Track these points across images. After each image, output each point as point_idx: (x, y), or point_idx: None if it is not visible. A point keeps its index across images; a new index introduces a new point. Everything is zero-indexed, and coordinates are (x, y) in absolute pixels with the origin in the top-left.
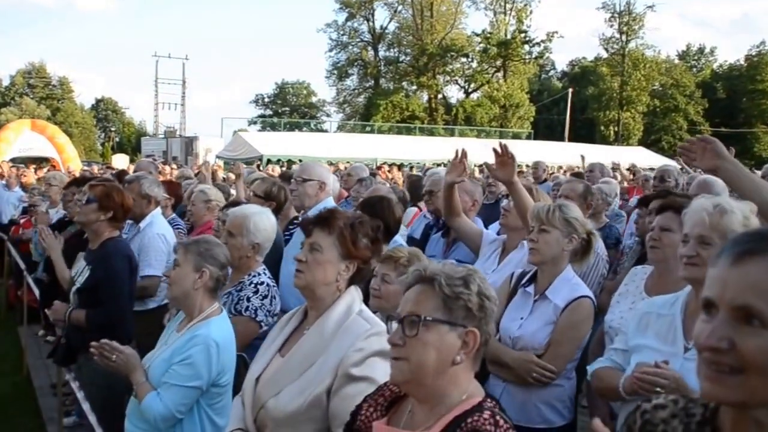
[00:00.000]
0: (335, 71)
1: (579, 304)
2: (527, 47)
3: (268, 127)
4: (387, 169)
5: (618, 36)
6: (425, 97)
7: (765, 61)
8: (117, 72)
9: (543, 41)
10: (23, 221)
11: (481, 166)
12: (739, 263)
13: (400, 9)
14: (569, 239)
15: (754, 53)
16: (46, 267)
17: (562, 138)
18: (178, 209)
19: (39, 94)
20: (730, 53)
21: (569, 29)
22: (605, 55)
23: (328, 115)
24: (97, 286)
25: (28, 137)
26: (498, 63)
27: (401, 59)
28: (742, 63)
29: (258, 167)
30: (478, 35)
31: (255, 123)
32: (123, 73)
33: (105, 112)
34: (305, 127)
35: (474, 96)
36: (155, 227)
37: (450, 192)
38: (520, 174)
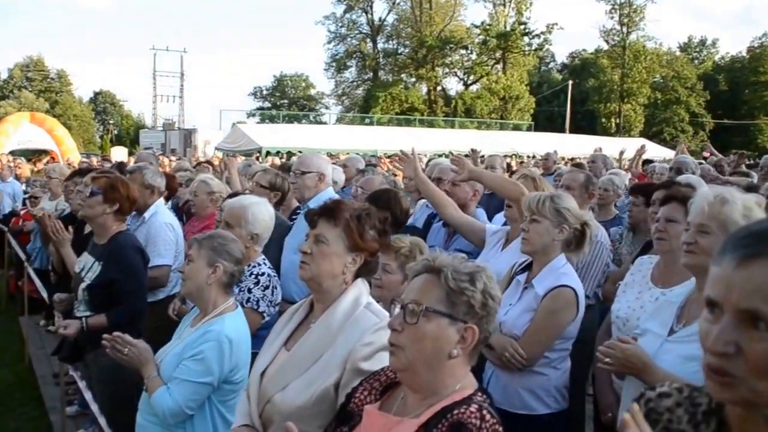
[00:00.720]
0: (334, 63)
1: (558, 292)
2: (527, 39)
3: (266, 120)
4: (388, 161)
5: (618, 28)
6: (424, 89)
7: (767, 54)
8: (115, 65)
9: (543, 33)
10: (23, 212)
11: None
12: (745, 265)
13: (398, 1)
14: (560, 229)
15: (756, 45)
16: (53, 266)
17: (562, 130)
18: (172, 201)
19: (37, 87)
20: (732, 45)
21: (569, 21)
22: (606, 47)
23: (326, 108)
24: (113, 283)
25: (27, 130)
26: (497, 55)
27: (400, 51)
28: (744, 55)
29: (258, 159)
30: (477, 27)
31: (254, 115)
32: (121, 66)
33: (103, 104)
34: (304, 120)
35: (473, 88)
36: (160, 217)
37: (424, 187)
38: (521, 164)
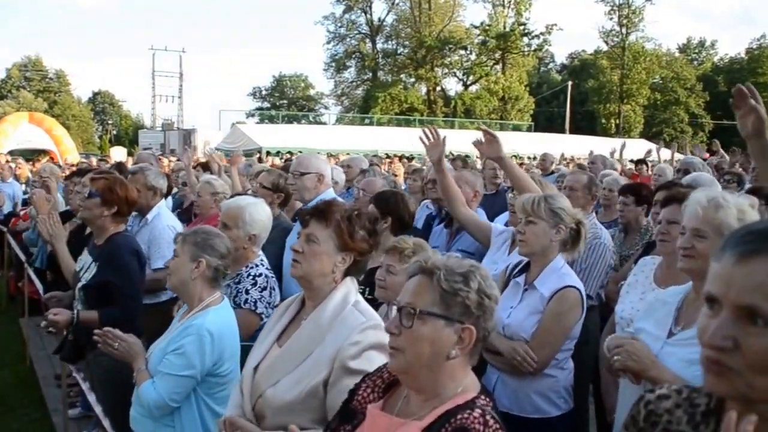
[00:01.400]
0: (333, 63)
1: (565, 293)
2: (526, 39)
3: (266, 120)
4: (388, 161)
5: (618, 29)
6: (424, 90)
7: (766, 55)
8: (114, 65)
9: (542, 34)
10: (23, 213)
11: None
12: (745, 262)
13: (398, 1)
14: (556, 230)
15: (754, 46)
16: (50, 263)
17: (562, 130)
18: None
19: (36, 87)
20: (730, 46)
21: (568, 22)
22: (605, 48)
23: (326, 108)
24: (107, 283)
25: (25, 129)
26: (497, 55)
27: (399, 51)
28: (742, 56)
29: (259, 159)
30: (476, 27)
31: (253, 115)
32: (120, 66)
33: (102, 105)
34: (303, 120)
35: (473, 88)
36: (163, 219)
37: (442, 177)
38: (521, 166)
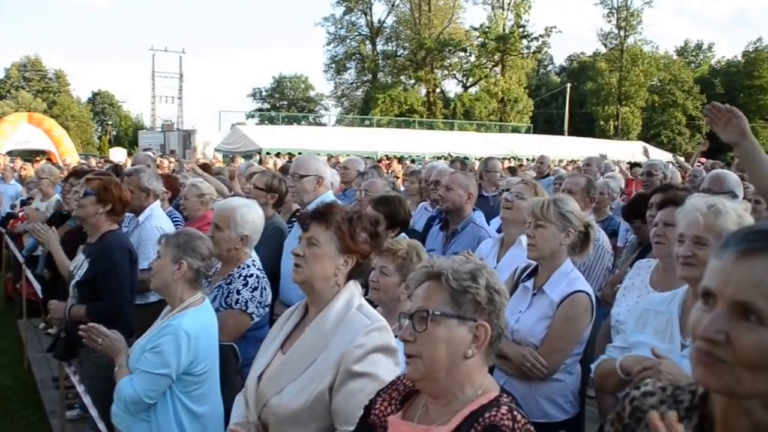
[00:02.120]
0: (333, 65)
1: (575, 298)
2: (525, 42)
3: (266, 121)
4: (387, 162)
5: (616, 31)
6: (423, 91)
7: (762, 58)
8: (114, 65)
9: (541, 36)
10: (21, 214)
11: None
12: (745, 259)
13: (397, 3)
14: (566, 233)
15: (751, 49)
16: (47, 263)
17: (561, 132)
18: (174, 202)
19: (35, 87)
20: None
21: (567, 24)
22: (604, 51)
23: (326, 109)
24: (97, 278)
25: (24, 130)
26: (496, 57)
27: (399, 53)
28: (739, 59)
29: (259, 161)
30: (476, 29)
31: (253, 116)
32: (120, 67)
33: (102, 105)
34: (303, 121)
35: (472, 90)
36: (154, 220)
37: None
38: (520, 167)
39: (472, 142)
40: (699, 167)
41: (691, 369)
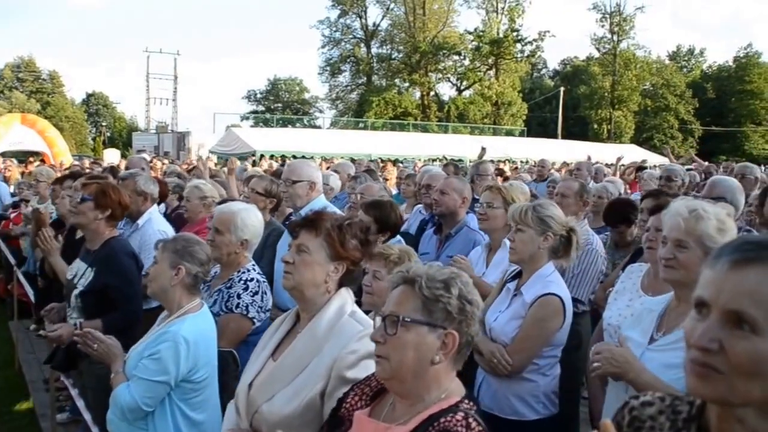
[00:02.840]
0: (328, 68)
1: (545, 300)
2: (519, 46)
3: (260, 123)
4: (381, 165)
5: (609, 36)
6: (418, 94)
7: (752, 63)
8: (108, 66)
9: (535, 40)
10: (13, 216)
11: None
12: (738, 269)
13: (392, 6)
14: (544, 237)
15: (742, 55)
16: (42, 270)
17: (554, 135)
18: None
19: (29, 87)
20: (719, 54)
21: (561, 29)
22: (597, 55)
23: (320, 111)
24: (107, 288)
25: (18, 131)
26: (490, 61)
27: (394, 56)
28: (730, 64)
29: (253, 163)
30: (470, 33)
31: (247, 119)
32: (114, 68)
33: (96, 106)
34: (298, 123)
35: (466, 93)
36: (155, 224)
37: None
38: (514, 170)
39: (466, 144)
40: (693, 171)
41: (686, 380)
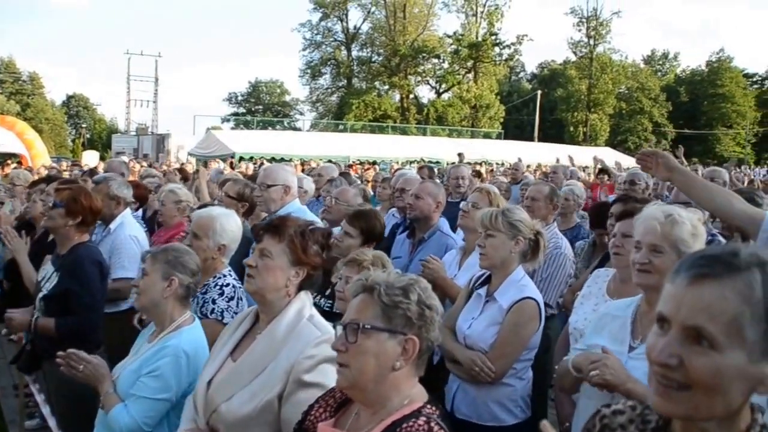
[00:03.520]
0: (309, 70)
1: (523, 305)
2: (498, 49)
3: (241, 125)
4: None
5: (586, 40)
6: (397, 97)
7: (724, 67)
8: (89, 68)
9: (513, 44)
10: None
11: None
12: (695, 285)
13: (373, 10)
14: (515, 241)
15: (714, 59)
16: (6, 272)
17: (531, 138)
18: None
19: (8, 89)
20: (692, 59)
21: (539, 33)
22: (574, 59)
23: (301, 114)
24: (67, 293)
25: None
26: (469, 64)
27: (374, 59)
28: (703, 68)
29: (231, 165)
30: (449, 37)
31: (228, 121)
32: (95, 70)
33: (76, 108)
34: (278, 126)
35: (445, 96)
36: (126, 228)
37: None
38: (490, 173)
39: (444, 147)
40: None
41: (650, 398)
